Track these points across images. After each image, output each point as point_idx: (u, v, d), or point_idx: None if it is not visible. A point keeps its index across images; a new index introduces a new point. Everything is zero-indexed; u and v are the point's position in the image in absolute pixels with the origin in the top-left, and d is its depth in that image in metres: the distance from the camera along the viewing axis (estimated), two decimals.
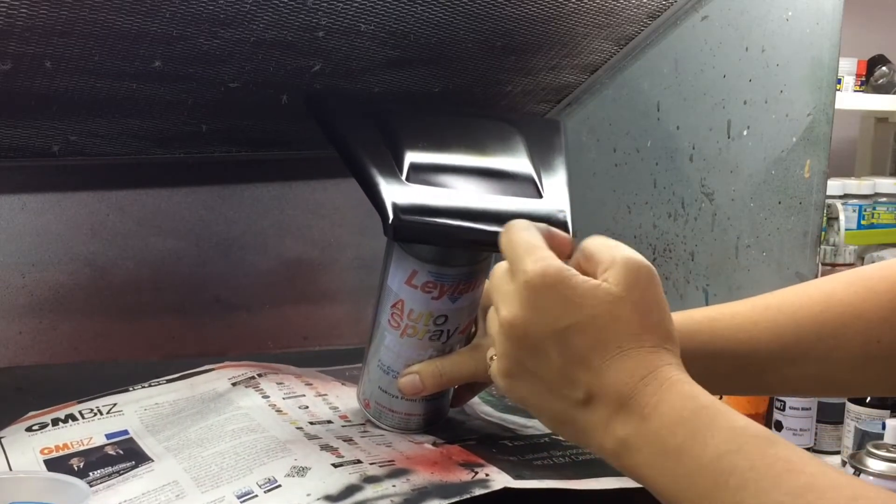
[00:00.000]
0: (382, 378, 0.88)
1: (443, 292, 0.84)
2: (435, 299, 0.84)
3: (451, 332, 0.86)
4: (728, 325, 0.78)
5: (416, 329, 0.85)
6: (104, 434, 0.92)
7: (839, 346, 0.74)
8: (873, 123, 3.35)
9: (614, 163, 1.38)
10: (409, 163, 0.86)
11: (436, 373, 0.85)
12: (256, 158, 1.41)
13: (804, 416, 1.07)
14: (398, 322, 0.86)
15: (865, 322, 0.72)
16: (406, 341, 0.86)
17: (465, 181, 0.87)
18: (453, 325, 0.86)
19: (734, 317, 0.78)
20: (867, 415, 1.04)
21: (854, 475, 0.85)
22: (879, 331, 0.72)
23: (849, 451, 1.02)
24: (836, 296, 0.74)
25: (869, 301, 0.72)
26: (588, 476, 0.83)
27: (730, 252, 1.22)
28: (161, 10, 0.98)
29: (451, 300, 0.84)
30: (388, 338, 0.87)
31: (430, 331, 0.85)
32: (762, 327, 0.76)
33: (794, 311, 0.75)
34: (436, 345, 0.86)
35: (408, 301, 0.85)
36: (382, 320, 0.87)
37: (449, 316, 0.85)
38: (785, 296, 0.77)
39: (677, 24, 1.27)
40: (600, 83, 1.39)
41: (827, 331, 0.74)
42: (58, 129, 1.19)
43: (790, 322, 0.75)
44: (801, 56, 1.13)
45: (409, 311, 0.85)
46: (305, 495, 0.76)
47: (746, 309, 0.78)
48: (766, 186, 1.18)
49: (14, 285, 1.33)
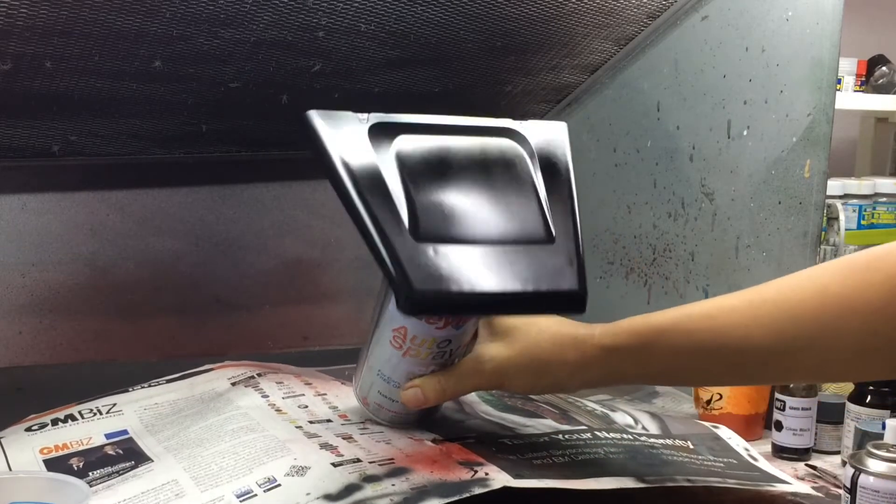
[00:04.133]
0: (382, 385, 0.88)
1: (447, 323, 0.83)
2: (439, 329, 0.84)
3: (454, 351, 0.86)
4: (725, 322, 0.78)
5: (419, 352, 0.85)
6: (104, 434, 0.92)
7: (836, 339, 0.74)
8: (873, 123, 3.34)
9: (614, 163, 1.38)
10: (415, 209, 0.77)
11: (438, 388, 0.86)
12: (256, 158, 1.41)
13: (804, 416, 1.07)
14: (401, 344, 0.85)
15: (861, 316, 0.72)
16: (408, 360, 0.86)
17: (473, 227, 0.79)
18: (457, 345, 0.86)
19: (731, 313, 0.78)
20: (867, 415, 1.03)
21: (853, 475, 0.85)
22: (875, 323, 0.72)
23: (849, 451, 1.02)
24: (830, 289, 0.74)
25: (864, 294, 0.72)
26: (588, 476, 0.83)
27: (730, 252, 1.22)
28: (161, 10, 0.99)
29: (456, 328, 0.84)
30: (389, 354, 0.86)
31: (433, 353, 0.85)
32: (759, 323, 0.76)
33: (790, 308, 0.75)
34: (438, 362, 0.86)
35: (411, 328, 0.84)
36: (383, 338, 0.86)
37: (453, 340, 0.85)
38: (780, 290, 0.77)
39: (677, 24, 1.27)
40: (600, 83, 1.39)
41: (824, 325, 0.74)
42: (58, 129, 1.19)
43: (787, 318, 0.75)
44: (801, 56, 1.13)
45: (412, 337, 0.84)
46: (305, 494, 0.76)
47: (743, 305, 0.78)
48: (766, 186, 1.18)
49: (14, 285, 1.33)
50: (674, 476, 0.87)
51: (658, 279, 1.33)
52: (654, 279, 1.34)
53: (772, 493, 0.92)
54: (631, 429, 0.99)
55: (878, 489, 0.83)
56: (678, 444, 0.96)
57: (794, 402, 1.07)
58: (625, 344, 0.81)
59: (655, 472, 0.87)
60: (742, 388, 1.11)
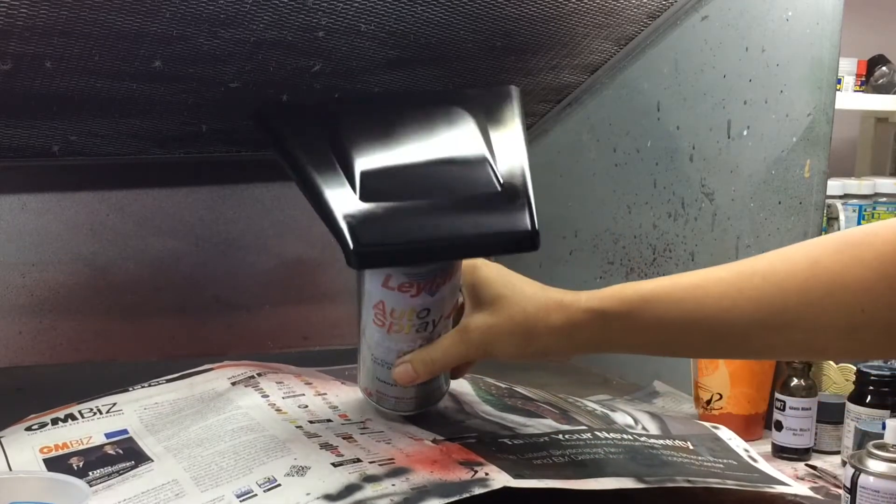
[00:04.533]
0: (378, 369, 0.89)
1: (420, 290, 0.84)
2: (413, 297, 0.85)
3: (437, 321, 0.87)
4: (712, 292, 0.77)
5: (402, 325, 0.86)
6: (104, 433, 0.92)
7: (824, 314, 0.73)
8: (873, 123, 3.34)
9: (614, 163, 1.38)
10: (360, 174, 0.82)
11: (427, 360, 0.86)
12: (256, 158, 1.41)
13: (804, 416, 1.07)
14: (383, 321, 0.87)
15: (851, 292, 0.71)
16: (393, 336, 0.87)
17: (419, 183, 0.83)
18: (437, 315, 0.87)
19: (719, 283, 0.77)
20: (867, 415, 1.03)
21: (853, 475, 0.85)
22: (864, 300, 0.71)
23: (849, 451, 1.02)
24: (821, 263, 0.73)
25: (854, 269, 0.71)
26: (588, 476, 0.83)
27: (730, 252, 1.22)
28: (161, 10, 0.99)
29: (430, 294, 0.85)
30: (376, 335, 0.88)
31: (414, 325, 0.86)
32: (747, 295, 0.76)
33: (779, 280, 0.74)
34: (423, 335, 0.87)
35: (388, 302, 0.85)
36: (367, 319, 0.88)
37: (431, 308, 0.86)
38: (771, 262, 0.76)
39: (677, 24, 1.27)
40: (600, 83, 1.39)
41: (812, 300, 0.73)
42: (58, 129, 1.19)
43: (775, 290, 0.74)
44: (801, 56, 1.13)
45: (391, 311, 0.86)
46: (305, 494, 0.76)
47: (731, 276, 0.77)
48: (766, 186, 1.18)
49: (14, 285, 1.33)
50: (674, 476, 0.87)
51: None
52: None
53: (772, 494, 0.92)
54: (631, 429, 0.99)
55: (878, 489, 0.83)
56: (678, 445, 0.96)
57: (794, 402, 1.07)
58: (610, 308, 0.80)
59: (655, 473, 0.87)
60: (742, 388, 1.11)
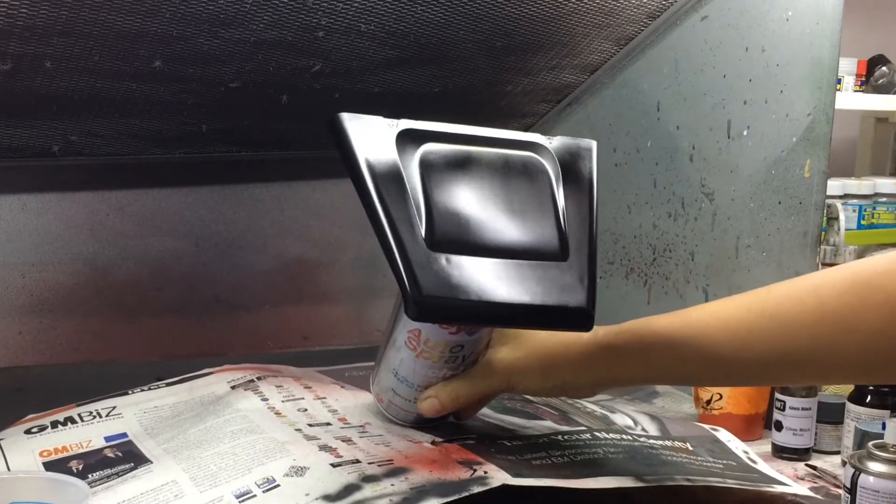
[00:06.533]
0: (398, 385, 0.90)
1: (460, 329, 0.85)
2: (452, 334, 0.85)
3: (467, 357, 0.87)
4: (723, 330, 0.79)
5: (432, 354, 0.86)
6: (103, 437, 0.92)
7: (836, 356, 0.73)
8: (873, 123, 3.34)
9: (614, 163, 1.38)
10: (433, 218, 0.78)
11: (453, 395, 0.88)
12: (256, 158, 1.41)
13: (804, 416, 1.07)
14: (415, 346, 0.86)
15: (860, 335, 0.71)
16: (421, 361, 0.87)
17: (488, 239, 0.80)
18: (469, 352, 0.87)
19: (728, 322, 0.78)
20: (867, 415, 1.03)
21: (853, 475, 0.85)
22: (880, 343, 0.70)
23: (849, 451, 1.02)
24: (828, 306, 0.73)
25: (862, 314, 0.71)
26: (587, 475, 0.83)
27: (730, 252, 1.22)
28: (161, 10, 0.99)
29: (469, 334, 0.85)
30: (404, 355, 0.88)
31: (444, 356, 0.86)
32: (756, 336, 0.77)
33: (788, 322, 0.75)
34: (451, 366, 0.87)
35: (425, 331, 0.85)
36: (399, 338, 0.88)
37: (465, 345, 0.86)
38: (779, 301, 0.76)
39: (677, 24, 1.27)
40: (600, 83, 1.39)
41: (821, 343, 0.73)
42: (58, 129, 1.19)
43: (784, 332, 0.75)
44: (801, 56, 1.13)
45: (425, 339, 0.86)
46: (304, 495, 0.76)
47: (741, 313, 0.78)
48: (766, 186, 1.18)
49: (14, 285, 1.33)
50: (673, 475, 0.87)
51: (658, 279, 1.33)
52: (654, 279, 1.34)
53: (772, 494, 0.92)
54: (630, 430, 0.99)
55: (878, 489, 0.83)
56: (677, 446, 0.96)
57: (794, 402, 1.07)
58: (626, 344, 0.83)
59: (655, 472, 0.87)
60: (742, 388, 1.12)
